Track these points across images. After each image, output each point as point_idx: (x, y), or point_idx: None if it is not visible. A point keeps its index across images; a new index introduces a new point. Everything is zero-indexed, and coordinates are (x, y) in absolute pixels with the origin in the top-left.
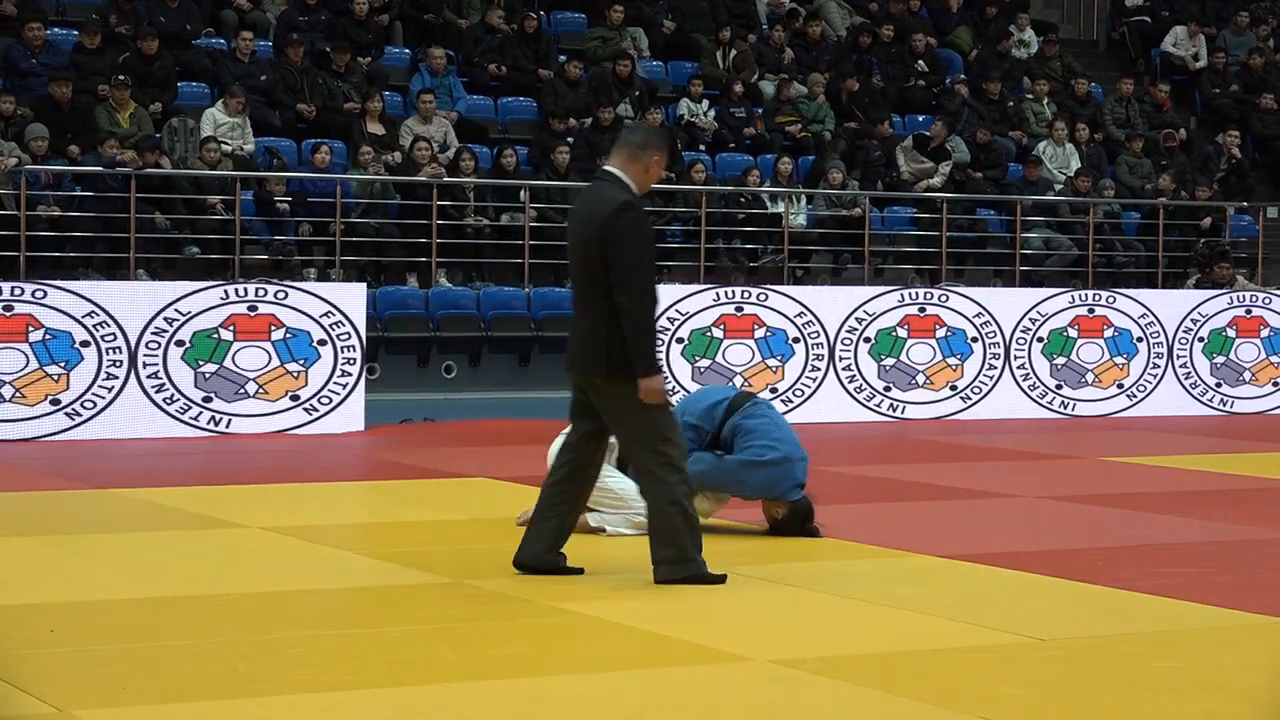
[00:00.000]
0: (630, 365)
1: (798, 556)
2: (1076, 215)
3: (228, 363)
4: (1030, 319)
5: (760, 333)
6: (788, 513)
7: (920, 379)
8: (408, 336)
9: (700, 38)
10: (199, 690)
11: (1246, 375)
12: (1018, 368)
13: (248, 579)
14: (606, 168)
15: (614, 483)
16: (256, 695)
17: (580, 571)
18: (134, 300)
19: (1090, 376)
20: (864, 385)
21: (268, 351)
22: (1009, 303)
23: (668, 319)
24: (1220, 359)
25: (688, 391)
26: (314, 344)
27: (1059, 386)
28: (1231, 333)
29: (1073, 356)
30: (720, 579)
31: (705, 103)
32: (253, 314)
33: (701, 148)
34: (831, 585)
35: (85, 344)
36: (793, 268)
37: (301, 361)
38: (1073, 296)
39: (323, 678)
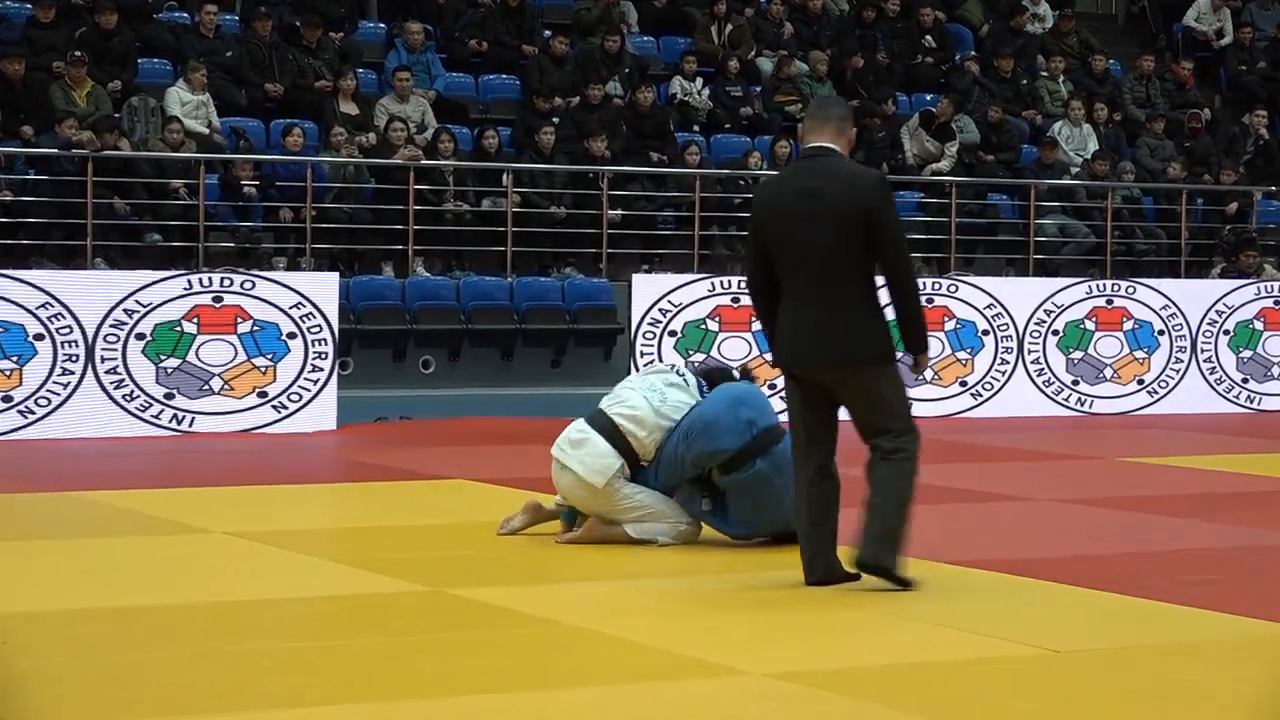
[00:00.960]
0: (886, 348)
1: (795, 563)
2: (1094, 200)
3: (191, 357)
4: (1045, 311)
5: (758, 325)
6: None
7: (928, 375)
8: (383, 329)
9: (694, 12)
10: (163, 707)
11: (1275, 370)
12: (1031, 362)
13: (213, 587)
14: (823, 144)
15: (643, 497)
16: (224, 712)
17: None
18: (91, 290)
19: (1109, 372)
20: None
21: (234, 345)
22: (1022, 293)
23: (659, 311)
24: (1247, 353)
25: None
26: (283, 337)
27: (1075, 382)
28: (1259, 325)
29: (1090, 350)
30: (907, 583)
31: (699, 81)
32: (218, 305)
33: (695, 129)
34: (831, 593)
35: (39, 337)
36: None
37: (269, 356)
38: (1090, 287)
39: (294, 692)
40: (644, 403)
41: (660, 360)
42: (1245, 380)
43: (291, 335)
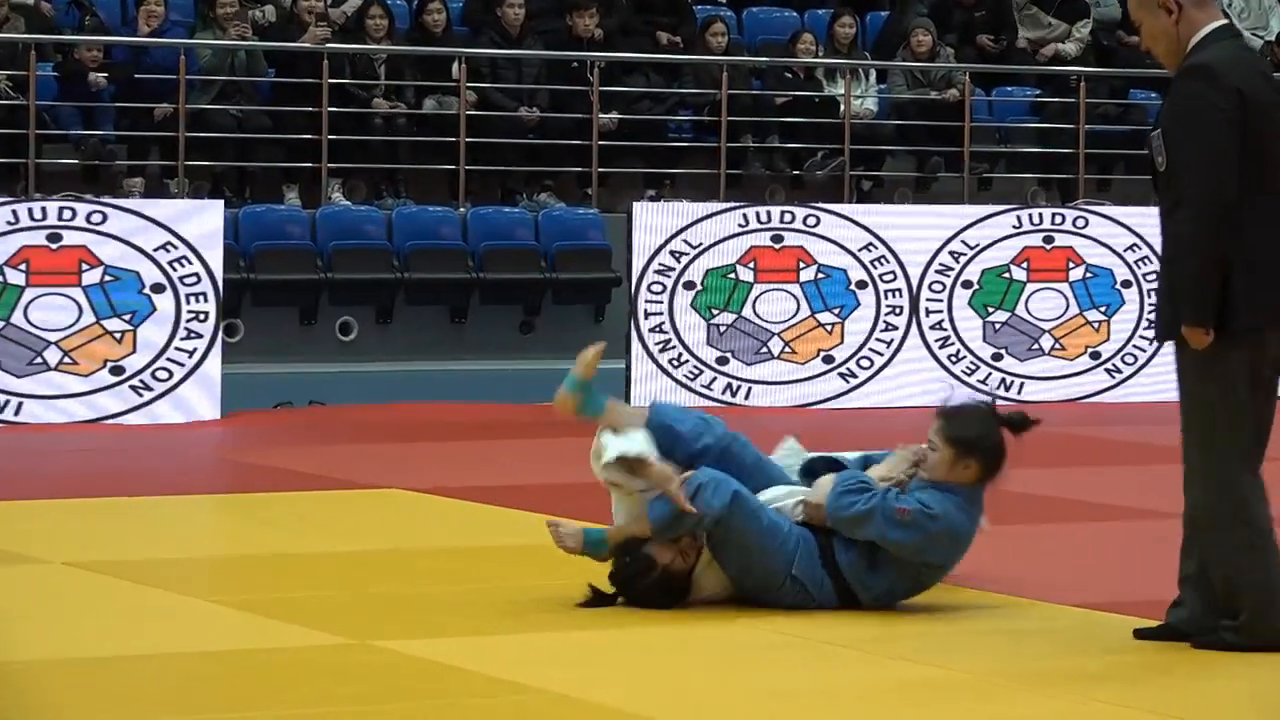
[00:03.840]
0: None
1: (852, 628)
2: None
3: (17, 319)
4: None
5: (808, 274)
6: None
7: (1046, 342)
8: (286, 279)
9: None
10: None
11: None
12: None
13: (52, 640)
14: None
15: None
16: None
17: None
18: None
19: None
20: (963, 351)
21: (77, 302)
22: None
23: (671, 253)
24: None
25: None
26: (145, 291)
27: None
28: None
29: None
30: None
31: None
32: (54, 247)
33: (722, 1)
34: (922, 650)
35: None
36: (858, 178)
37: (127, 317)
38: None
39: None
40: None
41: (672, 328)
42: None
43: (158, 288)
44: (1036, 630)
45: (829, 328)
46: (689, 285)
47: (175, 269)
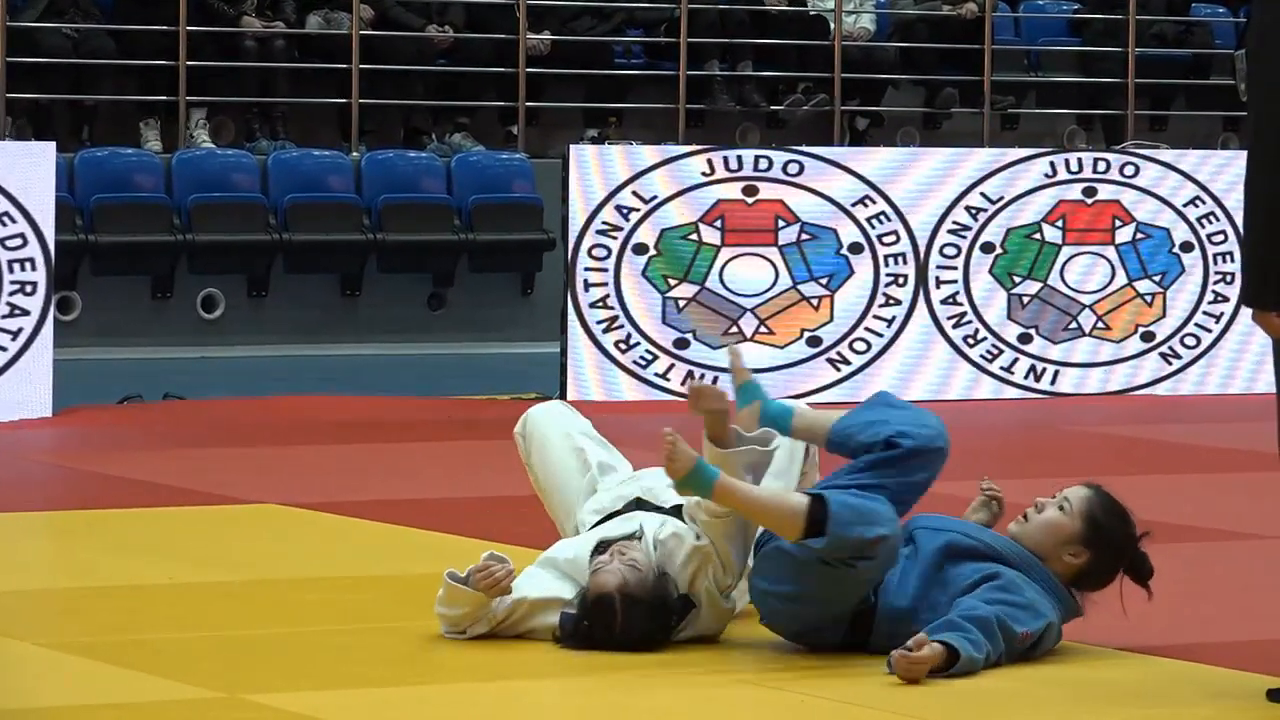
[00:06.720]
0: None
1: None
2: None
3: None
4: None
5: (789, 234)
6: None
7: (1086, 320)
8: (134, 242)
9: None
10: None
11: None
12: None
13: None
14: None
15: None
16: None
17: None
18: None
19: None
20: (983, 333)
21: None
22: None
23: (617, 209)
24: None
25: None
26: None
27: None
28: None
29: None
30: None
31: None
32: None
33: None
34: (964, 709)
35: None
36: (851, 114)
37: None
38: None
39: None
40: None
41: (619, 303)
42: None
43: None
44: (1103, 682)
45: (815, 302)
46: (640, 249)
47: None
